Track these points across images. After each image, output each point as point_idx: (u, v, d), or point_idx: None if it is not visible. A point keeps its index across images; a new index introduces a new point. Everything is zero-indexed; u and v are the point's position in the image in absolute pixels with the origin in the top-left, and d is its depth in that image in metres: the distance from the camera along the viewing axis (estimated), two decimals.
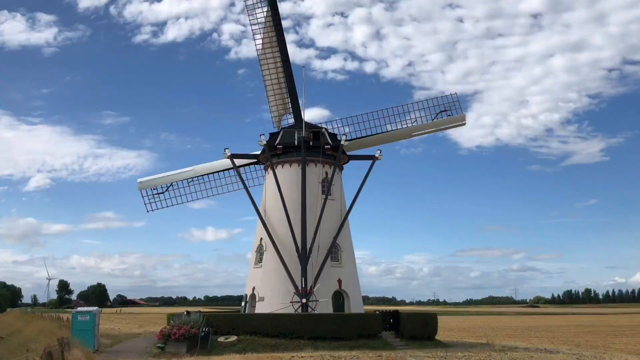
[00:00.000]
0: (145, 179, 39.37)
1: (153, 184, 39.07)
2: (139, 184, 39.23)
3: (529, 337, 51.41)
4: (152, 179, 39.24)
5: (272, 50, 38.10)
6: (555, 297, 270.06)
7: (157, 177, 39.31)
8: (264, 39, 38.20)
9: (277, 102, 38.52)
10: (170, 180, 38.95)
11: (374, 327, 30.30)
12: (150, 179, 39.28)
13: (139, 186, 39.14)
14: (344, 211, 36.77)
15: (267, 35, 38.11)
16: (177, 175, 39.00)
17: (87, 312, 28.61)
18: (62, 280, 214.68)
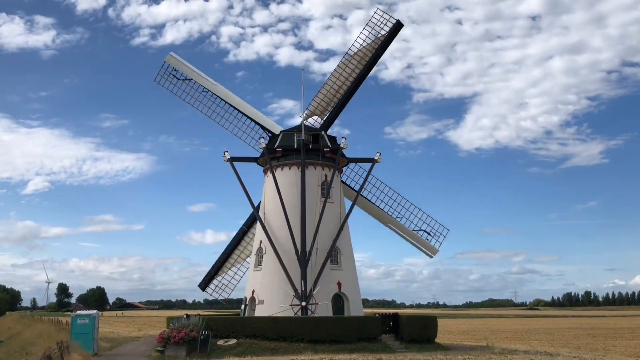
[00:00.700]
0: (177, 57, 39.59)
1: (179, 65, 39.26)
2: (169, 56, 39.47)
3: (528, 339, 51.39)
4: (182, 62, 39.43)
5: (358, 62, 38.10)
6: (555, 299, 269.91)
7: (186, 64, 39.45)
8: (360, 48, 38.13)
9: (321, 102, 38.44)
10: (193, 76, 39.13)
11: (373, 330, 30.29)
12: (180, 60, 39.50)
13: (168, 58, 39.41)
14: (343, 214, 36.77)
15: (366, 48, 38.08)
16: (201, 78, 39.08)
17: (86, 316, 28.58)
18: (61, 284, 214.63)
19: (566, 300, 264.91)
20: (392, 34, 37.93)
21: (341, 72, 38.09)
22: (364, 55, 37.94)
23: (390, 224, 39.10)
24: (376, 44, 37.86)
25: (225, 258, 39.86)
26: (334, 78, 38.14)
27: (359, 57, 37.95)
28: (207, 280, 40.04)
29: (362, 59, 37.96)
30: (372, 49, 37.87)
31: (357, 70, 38.01)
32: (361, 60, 37.96)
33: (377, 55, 38.12)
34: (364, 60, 37.95)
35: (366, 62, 37.95)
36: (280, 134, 37.71)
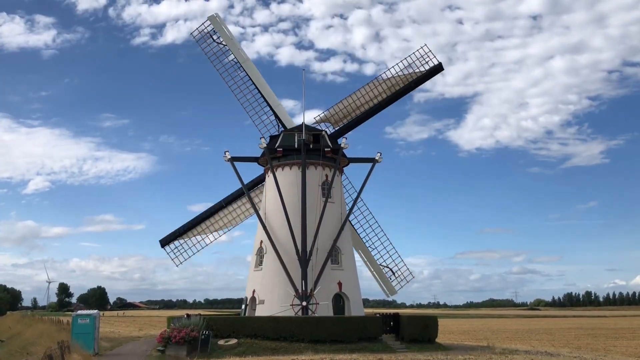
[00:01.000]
0: (220, 19, 39.58)
1: (219, 28, 39.17)
2: (213, 15, 39.46)
3: (529, 340, 51.37)
4: (222, 26, 39.35)
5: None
6: (555, 299, 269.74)
7: (226, 30, 39.43)
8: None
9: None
10: (228, 43, 39.18)
11: (374, 330, 30.30)
12: (222, 23, 39.45)
13: (211, 17, 39.36)
14: (344, 214, 36.79)
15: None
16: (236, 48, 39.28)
17: (87, 315, 28.60)
18: (62, 284, 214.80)
19: (567, 300, 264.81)
20: (430, 73, 38.38)
21: (368, 92, 38.28)
22: (395, 83, 38.14)
23: (360, 250, 39.36)
24: (411, 77, 38.13)
25: (195, 224, 39.64)
26: (360, 94, 38.32)
27: (390, 83, 38.18)
28: (170, 238, 39.72)
29: (393, 86, 38.21)
30: (405, 81, 38.13)
31: (384, 95, 38.30)
32: (391, 87, 38.26)
33: (407, 88, 38.47)
34: (394, 88, 38.25)
35: (395, 91, 38.17)
36: (281, 133, 37.74)
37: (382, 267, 38.98)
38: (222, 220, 39.72)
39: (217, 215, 39.78)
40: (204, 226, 39.78)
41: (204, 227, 39.77)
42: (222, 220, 39.72)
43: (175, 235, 39.69)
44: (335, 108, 38.45)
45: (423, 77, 38.45)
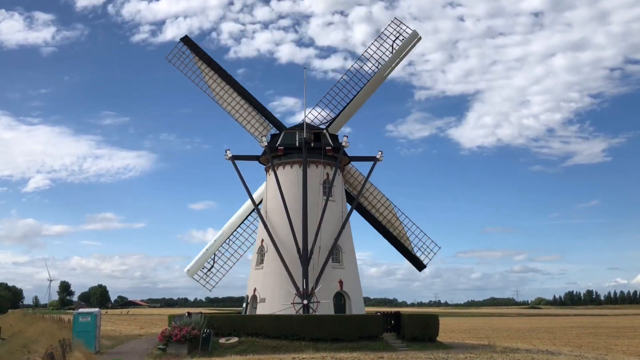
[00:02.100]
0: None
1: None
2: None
3: (530, 338, 51.36)
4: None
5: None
6: (556, 298, 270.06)
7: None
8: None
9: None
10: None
11: (375, 329, 30.28)
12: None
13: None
14: (345, 212, 36.77)
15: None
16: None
17: (88, 314, 28.63)
18: (63, 282, 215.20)
19: (568, 299, 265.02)
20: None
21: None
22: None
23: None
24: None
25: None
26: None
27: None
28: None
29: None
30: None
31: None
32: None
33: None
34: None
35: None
36: (282, 132, 37.72)
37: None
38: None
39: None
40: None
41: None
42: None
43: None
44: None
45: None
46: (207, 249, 39.17)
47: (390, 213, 38.71)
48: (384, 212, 38.75)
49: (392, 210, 38.75)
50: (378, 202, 38.83)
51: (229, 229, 39.54)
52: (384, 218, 38.77)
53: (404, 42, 37.80)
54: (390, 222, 38.72)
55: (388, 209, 38.76)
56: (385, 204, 38.82)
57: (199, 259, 39.12)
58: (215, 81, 38.58)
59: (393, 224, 38.70)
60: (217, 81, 38.56)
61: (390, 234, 38.77)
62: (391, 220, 38.71)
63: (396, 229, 38.70)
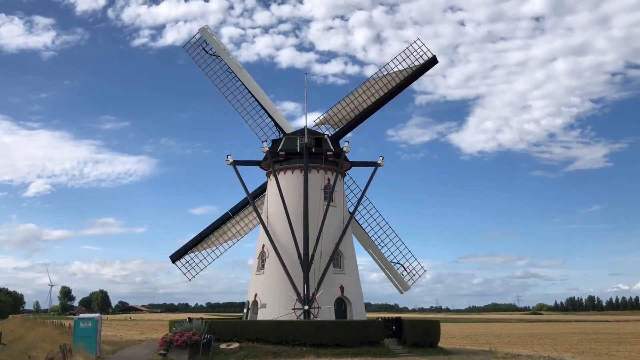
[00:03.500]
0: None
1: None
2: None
3: (531, 344, 51.16)
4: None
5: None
6: (558, 304, 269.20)
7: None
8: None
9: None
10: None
11: (376, 334, 30.23)
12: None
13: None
14: (346, 218, 36.77)
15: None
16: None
17: (89, 319, 28.58)
18: (64, 287, 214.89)
19: (569, 304, 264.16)
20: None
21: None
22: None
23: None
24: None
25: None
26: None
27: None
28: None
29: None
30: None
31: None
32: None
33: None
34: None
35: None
36: (284, 137, 37.79)
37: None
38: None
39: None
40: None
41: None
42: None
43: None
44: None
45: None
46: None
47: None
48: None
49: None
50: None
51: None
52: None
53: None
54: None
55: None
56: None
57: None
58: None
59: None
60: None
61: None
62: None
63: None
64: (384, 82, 38.29)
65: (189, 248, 39.69)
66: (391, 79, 38.23)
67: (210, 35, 39.51)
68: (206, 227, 40.04)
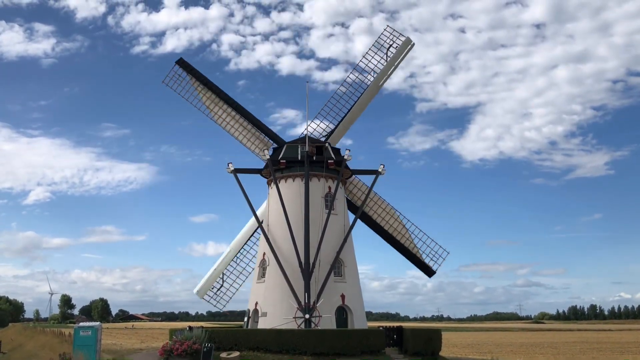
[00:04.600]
0: (200, 286, 39.28)
1: (209, 285, 39.19)
2: (197, 293, 39.24)
3: (533, 353, 50.94)
4: (205, 283, 39.22)
5: (218, 106, 38.91)
6: (560, 313, 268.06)
7: (207, 278, 39.26)
8: (204, 101, 38.99)
9: (255, 142, 38.89)
10: (219, 273, 39.19)
11: (377, 343, 30.08)
12: (204, 284, 39.24)
13: (199, 295, 39.21)
14: (347, 226, 36.72)
15: (205, 95, 38.94)
16: (221, 264, 39.24)
17: (89, 327, 28.50)
18: (64, 295, 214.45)
19: (571, 313, 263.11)
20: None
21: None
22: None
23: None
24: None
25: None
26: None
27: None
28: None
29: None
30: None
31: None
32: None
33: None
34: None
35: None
36: (284, 145, 37.82)
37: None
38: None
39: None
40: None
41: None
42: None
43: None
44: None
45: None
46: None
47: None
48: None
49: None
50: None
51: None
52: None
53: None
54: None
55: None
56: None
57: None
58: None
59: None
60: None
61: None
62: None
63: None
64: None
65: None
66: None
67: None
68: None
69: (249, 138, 39.07)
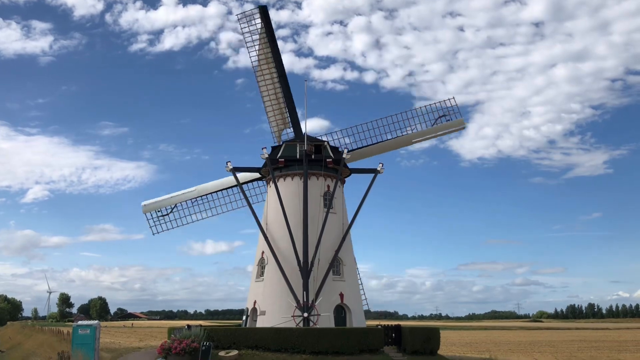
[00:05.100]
0: (149, 202, 39.34)
1: (157, 206, 39.14)
2: (143, 207, 39.21)
3: (531, 352, 51.01)
4: (156, 202, 39.22)
5: (268, 66, 38.44)
6: (558, 311, 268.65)
7: (161, 200, 39.28)
8: (259, 54, 38.53)
9: (277, 117, 38.77)
10: (174, 202, 39.06)
11: (375, 342, 30.11)
12: (154, 202, 39.26)
13: (144, 209, 39.13)
14: (345, 224, 36.73)
15: (263, 50, 38.42)
16: (181, 196, 39.13)
17: (87, 326, 28.50)
18: (63, 294, 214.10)
19: (570, 312, 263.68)
20: (264, 21, 38.04)
21: (265, 83, 38.20)
22: (265, 51, 37.94)
23: (413, 140, 39.35)
24: (263, 36, 37.89)
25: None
26: (265, 91, 38.23)
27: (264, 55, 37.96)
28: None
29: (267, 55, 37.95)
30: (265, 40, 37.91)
31: (273, 68, 38.00)
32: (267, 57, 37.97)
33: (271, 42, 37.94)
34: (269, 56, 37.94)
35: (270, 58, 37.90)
36: (283, 144, 37.81)
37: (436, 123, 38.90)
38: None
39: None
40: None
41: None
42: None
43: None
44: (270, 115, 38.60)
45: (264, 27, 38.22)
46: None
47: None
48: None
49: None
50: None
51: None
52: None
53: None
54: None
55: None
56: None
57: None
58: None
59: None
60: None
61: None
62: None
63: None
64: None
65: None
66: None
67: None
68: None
69: (275, 111, 38.81)
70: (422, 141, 40.00)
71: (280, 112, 38.74)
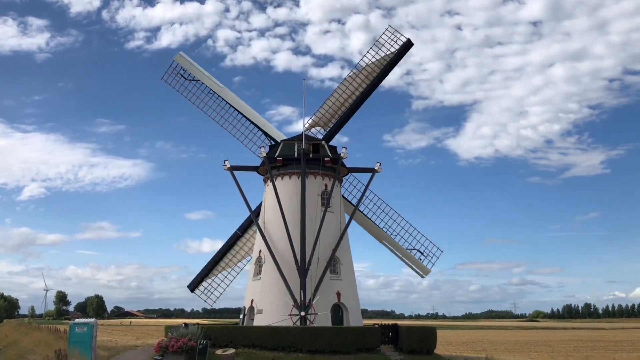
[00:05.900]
0: (185, 57, 39.82)
1: (187, 65, 39.54)
2: (179, 55, 39.75)
3: (528, 351, 51.16)
4: (190, 62, 39.70)
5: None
6: (554, 311, 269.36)
7: (195, 65, 39.69)
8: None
9: (325, 114, 38.41)
10: (200, 77, 39.39)
11: (372, 341, 30.19)
12: (189, 60, 39.76)
13: (177, 57, 39.73)
14: (343, 223, 36.77)
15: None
16: (209, 80, 39.41)
17: (84, 324, 28.46)
18: (59, 292, 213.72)
19: (566, 312, 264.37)
20: (401, 52, 38.08)
21: (347, 86, 38.07)
22: (371, 71, 37.91)
23: (385, 240, 39.02)
24: (385, 61, 37.88)
25: (217, 261, 39.68)
26: (340, 91, 38.09)
27: (366, 72, 37.93)
28: (196, 281, 39.83)
29: (370, 74, 37.92)
30: (380, 66, 37.90)
31: (364, 85, 38.01)
32: (368, 75, 37.94)
33: (384, 72, 38.17)
34: (371, 76, 37.92)
35: (373, 78, 37.93)
36: (281, 143, 37.83)
37: (410, 252, 38.51)
38: (242, 250, 39.59)
39: (237, 246, 39.70)
40: (227, 260, 39.66)
41: (226, 261, 39.65)
42: (242, 249, 39.60)
43: (202, 277, 39.64)
44: (321, 110, 38.28)
45: (396, 58, 38.11)
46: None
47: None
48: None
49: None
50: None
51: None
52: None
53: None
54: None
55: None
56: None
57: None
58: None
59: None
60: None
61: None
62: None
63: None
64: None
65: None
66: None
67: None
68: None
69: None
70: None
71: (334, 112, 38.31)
